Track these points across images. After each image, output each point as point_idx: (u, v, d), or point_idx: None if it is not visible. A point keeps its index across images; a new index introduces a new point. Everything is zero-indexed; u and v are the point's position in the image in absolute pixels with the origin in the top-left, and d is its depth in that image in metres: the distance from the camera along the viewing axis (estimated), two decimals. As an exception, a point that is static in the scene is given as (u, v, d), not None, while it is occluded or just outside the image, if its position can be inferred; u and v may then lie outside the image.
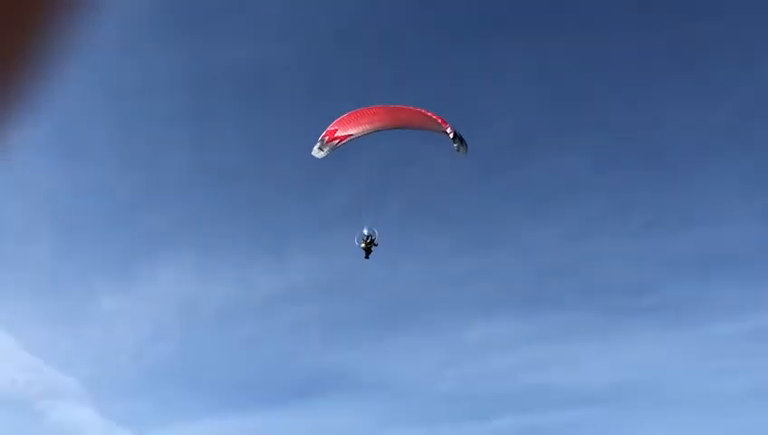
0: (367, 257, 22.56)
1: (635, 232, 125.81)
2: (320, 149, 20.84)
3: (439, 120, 20.62)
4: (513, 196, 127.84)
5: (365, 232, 22.44)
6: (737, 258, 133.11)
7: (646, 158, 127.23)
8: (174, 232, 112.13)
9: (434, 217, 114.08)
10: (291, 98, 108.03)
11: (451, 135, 20.33)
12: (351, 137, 20.40)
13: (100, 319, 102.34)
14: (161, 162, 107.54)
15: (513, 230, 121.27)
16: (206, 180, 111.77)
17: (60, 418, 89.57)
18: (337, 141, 20.42)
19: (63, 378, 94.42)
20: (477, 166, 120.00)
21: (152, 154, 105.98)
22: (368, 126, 20.47)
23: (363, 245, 22.46)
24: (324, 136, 20.59)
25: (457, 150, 20.67)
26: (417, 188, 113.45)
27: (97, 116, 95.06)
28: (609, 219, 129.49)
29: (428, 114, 20.84)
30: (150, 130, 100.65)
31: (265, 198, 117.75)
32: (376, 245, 22.22)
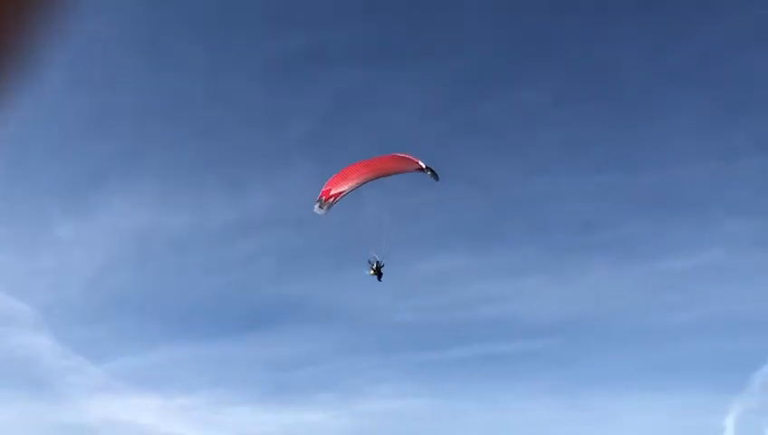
0: (380, 280, 25.46)
1: (591, 169, 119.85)
2: (320, 207, 24.27)
3: (412, 160, 24.48)
4: (470, 130, 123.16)
5: (370, 261, 25.39)
6: (688, 197, 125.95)
7: (603, 96, 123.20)
8: (129, 160, 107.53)
9: (392, 150, 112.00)
10: (249, 24, 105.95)
11: (425, 169, 24.50)
12: (344, 193, 24.10)
13: (54, 246, 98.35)
14: (116, 87, 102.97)
15: (470, 165, 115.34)
16: (162, 107, 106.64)
17: (16, 344, 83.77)
18: (332, 199, 24.04)
19: (18, 305, 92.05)
20: (436, 100, 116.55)
21: (106, 79, 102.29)
22: (355, 181, 24.23)
23: (372, 272, 25.39)
24: (321, 196, 24.16)
25: (433, 178, 24.70)
26: (376, 125, 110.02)
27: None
28: (565, 156, 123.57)
29: (403, 156, 24.83)
30: (106, 53, 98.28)
31: (222, 127, 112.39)
32: (383, 266, 25.14)
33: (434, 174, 24.73)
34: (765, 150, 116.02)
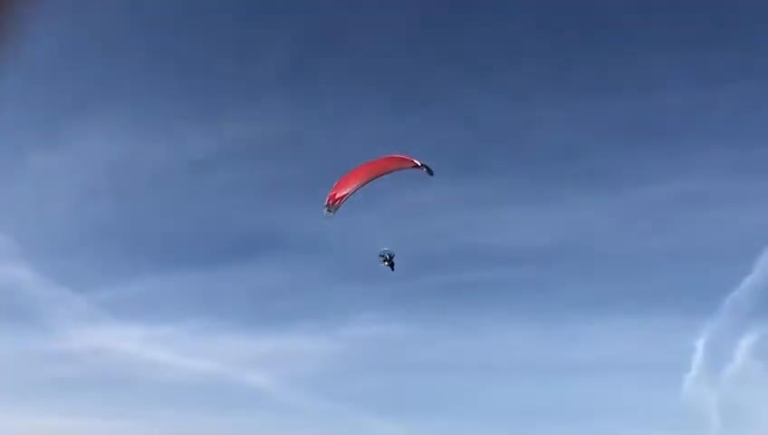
0: (393, 270, 28.01)
1: (571, 97, 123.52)
2: (328, 211, 26.71)
3: (408, 159, 27.08)
4: (451, 57, 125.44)
5: (382, 254, 27.81)
6: (667, 125, 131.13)
7: (586, 24, 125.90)
8: (102, 89, 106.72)
9: (371, 79, 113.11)
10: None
11: (421, 166, 27.07)
12: (348, 195, 26.71)
13: (29, 176, 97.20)
14: (88, 16, 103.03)
15: (449, 92, 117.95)
16: (136, 34, 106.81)
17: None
18: (338, 202, 26.62)
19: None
20: (416, 27, 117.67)
21: (78, 7, 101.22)
22: (357, 183, 26.98)
23: (386, 263, 27.87)
24: (329, 201, 26.69)
25: (428, 174, 27.28)
26: (355, 52, 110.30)
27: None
28: (545, 83, 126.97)
29: (399, 157, 27.26)
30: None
31: (197, 56, 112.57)
32: (393, 256, 27.68)
33: (429, 171, 27.17)
34: (744, 79, 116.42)
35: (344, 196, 26.63)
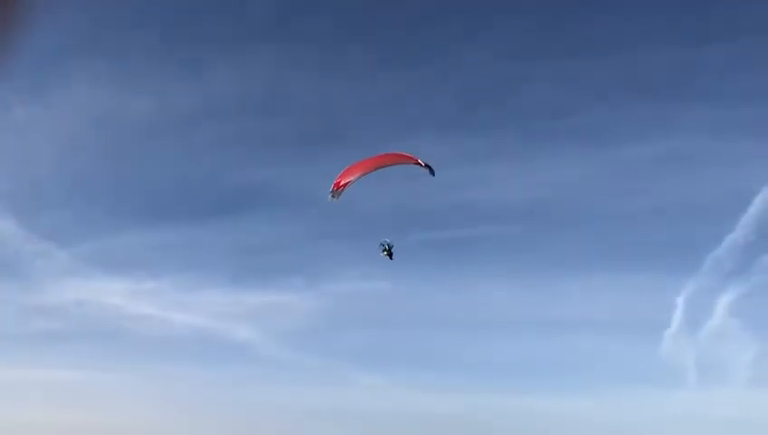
0: (391, 259, 29.82)
1: (559, 55, 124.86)
2: (332, 196, 28.43)
3: (412, 157, 28.94)
4: (439, 13, 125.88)
5: (382, 243, 29.77)
6: (654, 83, 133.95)
7: None
8: (87, 42, 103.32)
9: (359, 33, 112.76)
10: None
11: (423, 166, 28.81)
12: (351, 183, 28.42)
13: (12, 129, 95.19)
14: None
15: (437, 48, 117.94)
16: None
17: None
18: (341, 189, 28.30)
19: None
20: None
21: None
22: (361, 172, 28.50)
23: (385, 253, 29.65)
24: (333, 187, 28.42)
25: (430, 174, 29.03)
26: (344, 4, 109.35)
27: None
28: (534, 42, 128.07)
29: (403, 155, 29.20)
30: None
31: (184, 7, 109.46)
32: (393, 246, 29.54)
33: (431, 171, 28.99)
34: (731, 38, 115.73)
35: (348, 183, 28.25)
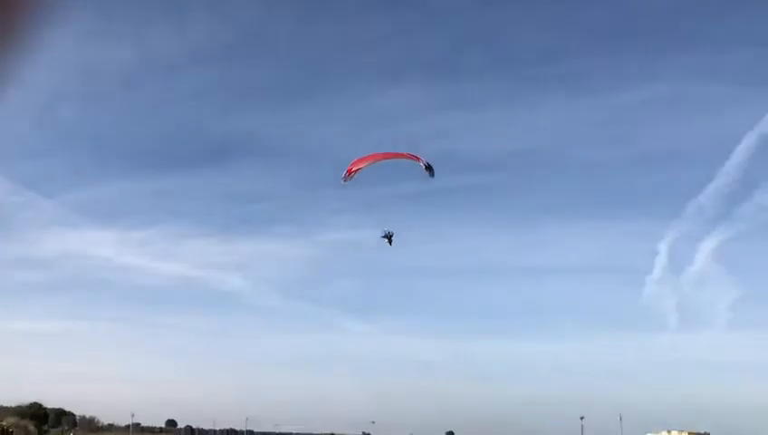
0: (390, 244, 32.90)
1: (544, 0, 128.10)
2: (344, 181, 31.66)
3: (417, 157, 31.67)
4: None
5: (384, 230, 33.42)
6: (642, 28, 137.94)
7: None
8: None
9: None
10: None
11: (424, 167, 31.62)
12: (361, 169, 31.74)
13: None
14: None
15: None
16: None
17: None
18: (353, 175, 31.46)
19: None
20: None
21: None
22: (370, 162, 31.72)
23: (386, 239, 32.80)
24: (345, 174, 32.10)
25: (429, 175, 31.88)
26: None
27: None
28: None
29: (410, 154, 31.93)
30: None
31: None
32: (393, 234, 32.69)
33: (431, 173, 31.99)
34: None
35: (358, 169, 31.70)
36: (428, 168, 32.45)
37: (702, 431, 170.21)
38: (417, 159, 32.26)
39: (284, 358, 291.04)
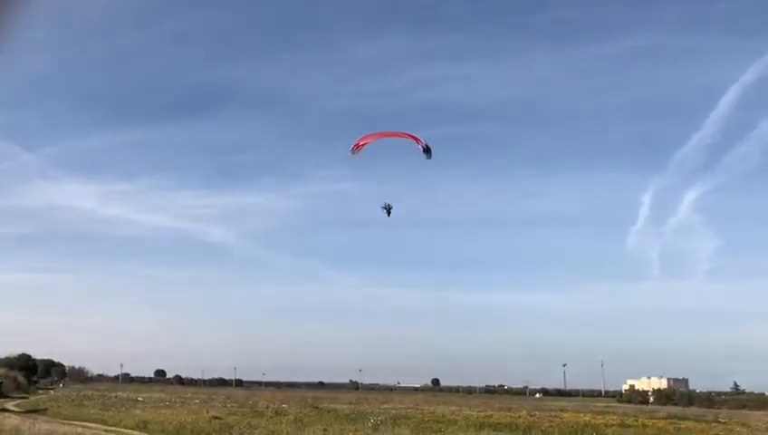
0: (389, 215, 34.80)
1: None
2: (352, 153, 34.00)
3: (416, 138, 33.78)
4: None
5: (383, 205, 34.96)
6: None
7: None
8: None
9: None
10: None
11: (422, 149, 33.32)
12: (368, 143, 33.82)
13: None
14: None
15: None
16: None
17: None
18: (360, 148, 33.88)
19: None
20: None
21: None
22: (375, 138, 34.25)
23: (386, 210, 34.69)
24: (353, 147, 33.94)
25: (426, 157, 33.60)
26: None
27: None
28: None
29: (411, 134, 34.31)
30: None
31: None
32: (392, 207, 34.83)
33: (428, 155, 33.56)
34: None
35: (365, 143, 33.91)
36: (426, 150, 33.83)
37: (680, 377, 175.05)
38: (418, 141, 33.98)
39: (271, 309, 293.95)
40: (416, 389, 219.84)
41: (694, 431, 47.34)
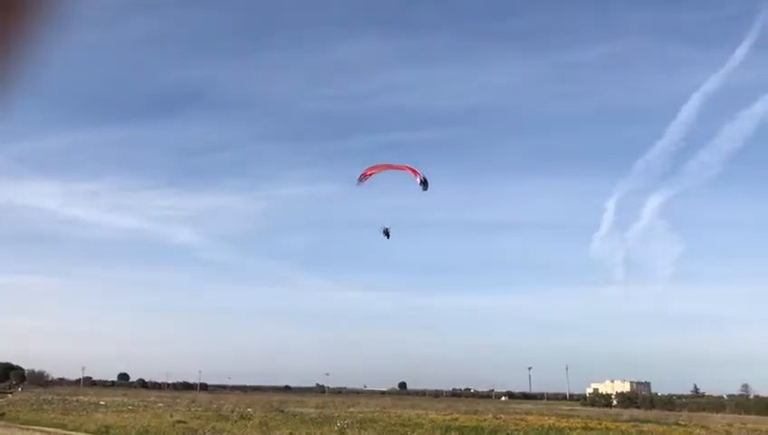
0: (388, 238, 37.17)
1: None
2: (360, 182, 36.11)
3: (415, 171, 35.45)
4: None
5: (382, 229, 37.16)
6: None
7: None
8: None
9: None
10: None
11: (419, 182, 34.75)
12: (373, 174, 35.73)
13: None
14: None
15: None
16: None
17: None
18: (367, 178, 35.84)
19: None
20: None
21: None
22: (381, 169, 36.10)
23: (385, 234, 36.79)
24: (360, 177, 36.06)
25: (423, 189, 35.01)
26: None
27: None
28: None
29: (412, 168, 36.00)
30: None
31: None
32: (390, 229, 37.21)
33: (425, 187, 35.05)
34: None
35: (372, 174, 35.81)
36: (423, 182, 35.34)
37: (643, 380, 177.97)
38: (416, 173, 35.54)
39: (238, 312, 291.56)
40: (383, 392, 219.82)
41: (655, 434, 48.13)
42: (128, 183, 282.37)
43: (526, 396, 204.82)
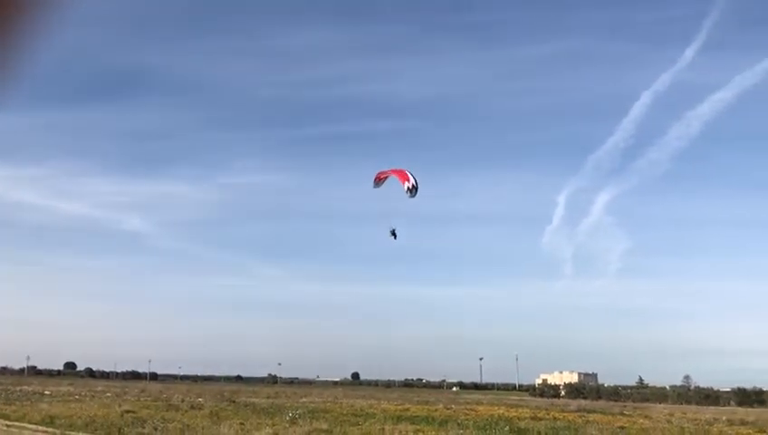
0: (395, 239, 37.54)
1: None
2: (375, 185, 37.60)
3: (409, 178, 35.73)
4: None
5: (390, 229, 37.62)
6: None
7: None
8: None
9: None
10: None
11: (411, 188, 35.18)
12: (387, 177, 37.26)
13: None
14: None
15: None
16: None
17: None
18: (381, 181, 37.56)
19: None
20: None
21: None
22: (390, 174, 37.25)
23: (392, 235, 37.31)
24: (375, 180, 37.73)
25: (410, 196, 35.27)
26: None
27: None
28: None
29: (408, 176, 36.08)
30: None
31: None
32: (396, 229, 37.70)
33: (412, 194, 35.20)
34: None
35: (385, 177, 37.31)
36: (411, 189, 35.60)
37: (590, 372, 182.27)
38: (409, 179, 35.91)
39: (189, 301, 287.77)
40: (335, 383, 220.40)
41: (601, 423, 49.43)
42: (74, 168, 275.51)
43: (477, 386, 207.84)
